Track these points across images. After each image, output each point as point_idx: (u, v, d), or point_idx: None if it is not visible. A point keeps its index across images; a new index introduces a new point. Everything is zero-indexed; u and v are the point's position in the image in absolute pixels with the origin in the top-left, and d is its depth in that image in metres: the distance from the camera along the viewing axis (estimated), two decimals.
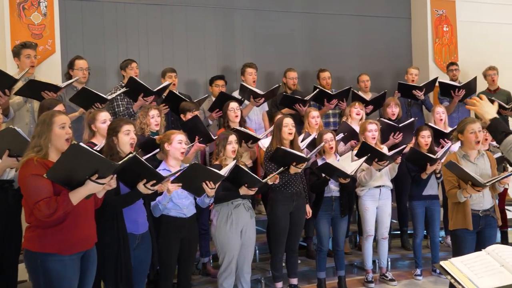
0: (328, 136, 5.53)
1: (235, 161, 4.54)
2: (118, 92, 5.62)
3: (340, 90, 6.88)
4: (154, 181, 3.74)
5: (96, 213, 3.60)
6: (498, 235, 6.83)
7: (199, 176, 4.24)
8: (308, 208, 5.48)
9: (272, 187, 5.17)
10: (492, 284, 3.09)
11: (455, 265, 3.25)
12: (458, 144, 5.05)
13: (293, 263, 5.47)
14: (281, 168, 4.88)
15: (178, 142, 4.51)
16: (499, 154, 5.72)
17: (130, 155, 3.39)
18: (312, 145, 5.62)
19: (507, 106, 7.06)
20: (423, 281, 6.04)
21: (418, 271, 6.11)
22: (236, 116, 5.70)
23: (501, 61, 7.82)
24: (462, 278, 3.15)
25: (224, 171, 4.33)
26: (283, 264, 5.55)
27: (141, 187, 3.73)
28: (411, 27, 8.76)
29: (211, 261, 6.01)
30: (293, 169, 5.04)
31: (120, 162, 3.24)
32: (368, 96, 7.14)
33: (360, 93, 7.11)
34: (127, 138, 3.99)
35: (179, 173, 4.05)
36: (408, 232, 6.82)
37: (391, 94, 7.22)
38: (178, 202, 4.48)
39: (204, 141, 5.28)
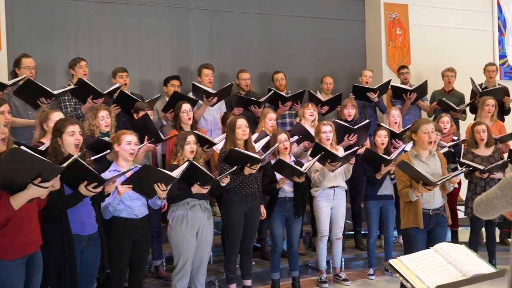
0: (283, 136, 5.52)
1: (188, 161, 4.47)
2: (67, 88, 5.47)
3: (295, 92, 6.90)
4: (95, 184, 3.64)
5: (40, 215, 3.48)
6: (449, 234, 6.98)
7: (151, 178, 4.16)
8: (263, 209, 5.46)
9: (226, 188, 5.12)
10: (439, 281, 3.12)
11: (404, 263, 3.27)
12: (410, 144, 5.12)
13: (247, 265, 5.43)
14: (234, 168, 4.83)
15: (126, 143, 4.41)
16: (446, 149, 5.84)
17: (72, 157, 3.28)
18: (267, 147, 5.60)
19: (457, 108, 7.22)
20: (376, 280, 6.10)
21: (371, 271, 6.16)
22: (189, 119, 5.62)
23: (452, 64, 7.97)
24: (410, 275, 3.17)
25: (176, 173, 4.26)
26: (237, 266, 5.50)
27: (82, 189, 3.64)
28: (365, 30, 8.87)
29: (164, 264, 5.92)
30: (247, 170, 5.01)
31: (63, 165, 3.13)
32: (327, 97, 7.18)
33: (320, 94, 7.17)
34: (71, 139, 3.88)
35: (124, 175, 3.97)
36: (362, 232, 6.88)
37: (346, 96, 7.28)
38: (129, 204, 4.38)
39: (154, 141, 5.19)
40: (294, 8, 8.32)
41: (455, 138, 6.72)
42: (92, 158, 4.07)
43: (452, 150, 6.25)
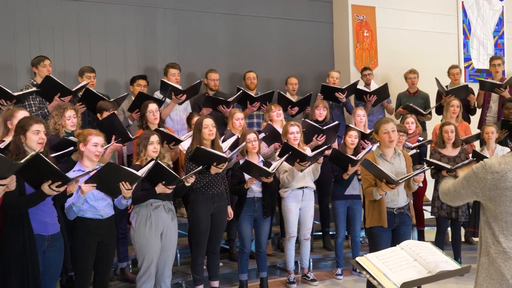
0: (252, 136, 5.50)
1: (153, 161, 4.39)
2: (29, 90, 5.33)
3: (263, 93, 6.89)
4: (59, 182, 3.54)
5: None
6: (415, 234, 7.05)
7: (115, 177, 4.07)
8: (230, 210, 5.41)
9: (193, 188, 5.07)
10: (405, 278, 3.13)
11: (370, 261, 3.28)
12: (377, 144, 5.14)
13: (215, 266, 5.37)
14: (200, 167, 4.77)
15: (93, 144, 4.30)
16: (414, 151, 5.89)
17: (33, 153, 3.18)
18: (235, 147, 5.56)
19: (424, 112, 7.31)
20: (344, 280, 6.11)
21: (339, 271, 6.17)
22: (155, 118, 5.54)
23: (419, 66, 8.07)
24: (377, 273, 3.17)
25: (141, 172, 4.18)
26: (204, 267, 5.44)
27: (45, 188, 3.53)
28: (333, 31, 8.91)
29: (130, 266, 5.82)
30: (213, 170, 4.96)
31: (21, 161, 3.03)
32: (293, 99, 7.18)
33: (287, 95, 7.16)
34: (35, 138, 3.78)
35: (88, 174, 3.87)
36: (330, 233, 6.90)
37: (314, 97, 7.29)
38: (94, 204, 4.28)
39: (121, 140, 5.09)
40: (262, 9, 8.31)
41: (421, 138, 6.79)
42: (55, 154, 3.95)
43: (418, 150, 6.31)
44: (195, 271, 5.26)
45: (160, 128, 5.36)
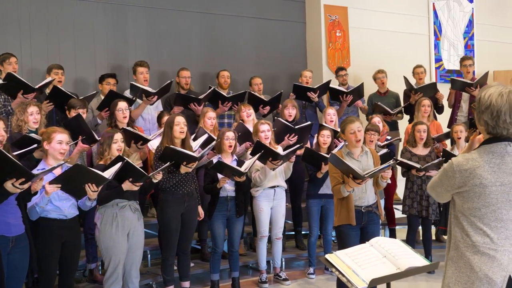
0: (230, 134, 5.46)
1: (120, 160, 4.30)
2: None
3: (235, 93, 6.85)
4: (23, 179, 3.44)
5: None
6: (387, 232, 7.09)
7: (81, 178, 3.98)
8: (200, 210, 5.36)
9: (162, 188, 5.00)
10: (374, 274, 3.11)
11: (340, 258, 3.26)
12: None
13: (185, 266, 5.30)
14: (167, 163, 4.70)
15: (57, 142, 4.20)
16: (384, 151, 5.92)
17: None
18: (206, 145, 5.50)
19: (391, 112, 7.35)
20: (316, 279, 6.10)
21: (311, 270, 6.16)
22: (125, 117, 5.44)
23: (390, 66, 8.14)
24: (346, 270, 3.15)
25: (108, 174, 4.09)
26: (175, 268, 5.38)
27: (8, 185, 3.44)
28: (305, 31, 8.92)
29: (100, 267, 5.71)
30: (183, 169, 4.90)
31: None
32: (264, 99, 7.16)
33: (258, 94, 7.14)
34: None
35: (52, 171, 3.78)
36: (303, 232, 6.89)
37: (286, 97, 7.28)
38: (58, 204, 4.18)
39: (87, 141, 5.00)
40: (235, 8, 8.28)
41: (389, 137, 6.82)
42: (17, 152, 3.85)
43: (388, 149, 6.34)
44: (165, 272, 5.18)
45: (127, 127, 5.26)
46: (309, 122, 6.47)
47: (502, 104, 2.50)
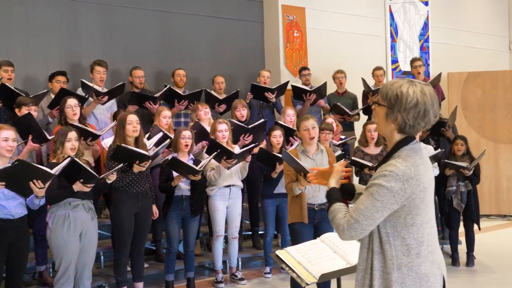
0: (187, 133, 5.41)
1: (69, 157, 4.20)
2: None
3: (191, 91, 6.80)
4: None
5: None
6: None
7: (26, 175, 3.86)
8: (155, 209, 5.28)
9: (115, 187, 4.91)
10: (324, 269, 3.12)
11: (290, 254, 3.25)
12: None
13: (139, 267, 5.21)
14: (120, 165, 4.62)
15: (3, 139, 4.08)
16: (339, 152, 5.95)
17: None
18: (161, 143, 5.44)
19: (350, 113, 7.42)
20: (272, 278, 6.09)
21: (268, 269, 6.15)
22: (75, 114, 5.32)
23: (347, 67, 8.21)
24: (296, 265, 3.15)
25: (55, 169, 3.98)
26: (129, 269, 5.28)
27: None
28: (263, 31, 8.93)
29: (50, 269, 5.56)
30: (136, 168, 4.83)
31: None
32: (221, 97, 7.13)
33: (214, 93, 7.10)
34: None
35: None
36: (260, 232, 6.87)
37: (244, 96, 7.26)
38: (5, 204, 4.07)
39: (38, 140, 4.86)
40: (191, 6, 8.22)
41: (343, 137, 6.88)
42: None
43: (342, 148, 6.40)
44: (118, 273, 5.08)
45: (76, 124, 5.14)
46: (262, 120, 6.45)
47: (428, 103, 2.29)
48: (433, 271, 2.34)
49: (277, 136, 5.97)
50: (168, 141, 5.25)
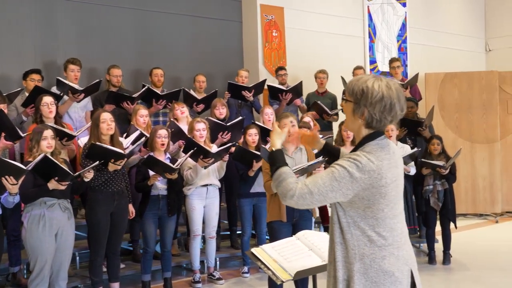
0: (163, 132, 5.36)
1: (42, 154, 4.13)
2: None
3: (170, 91, 6.76)
4: None
5: None
6: (322, 230, 7.14)
7: None
8: (131, 208, 5.23)
9: (91, 186, 4.84)
10: (300, 266, 3.11)
11: (266, 251, 3.23)
12: None
13: (115, 267, 5.15)
14: (96, 162, 4.56)
15: None
16: (315, 151, 5.95)
17: None
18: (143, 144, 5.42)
19: (330, 112, 7.44)
20: (249, 278, 6.08)
21: (246, 269, 6.13)
22: (50, 112, 5.25)
23: (326, 67, 8.22)
24: (272, 263, 3.13)
25: (28, 166, 3.92)
26: (105, 269, 5.22)
27: None
28: (242, 30, 8.91)
29: (24, 270, 5.47)
30: (111, 166, 4.78)
31: None
32: (200, 97, 7.10)
33: (194, 93, 7.07)
34: None
35: None
36: (238, 232, 6.84)
37: (222, 96, 7.24)
38: None
39: (10, 138, 4.78)
40: (170, 5, 8.15)
41: (320, 136, 6.87)
42: None
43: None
44: (93, 273, 5.01)
45: (52, 124, 5.06)
46: (240, 118, 6.43)
47: (393, 96, 2.30)
48: (399, 266, 2.34)
49: (253, 135, 5.94)
50: (143, 139, 5.20)
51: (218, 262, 6.26)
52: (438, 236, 6.65)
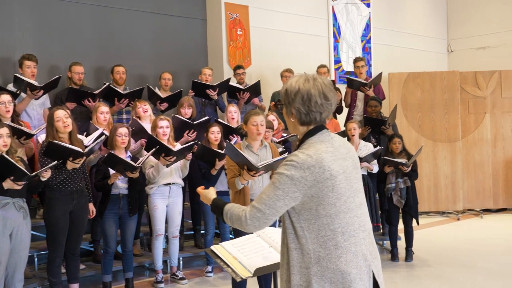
0: (123, 130, 5.26)
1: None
2: None
3: (132, 89, 6.66)
4: None
5: None
6: None
7: None
8: (92, 207, 5.12)
9: (49, 185, 4.72)
10: (260, 263, 3.07)
11: (226, 248, 3.19)
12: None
13: (74, 267, 5.02)
14: (54, 162, 4.45)
15: None
16: (281, 149, 5.94)
17: None
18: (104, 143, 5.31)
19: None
20: (213, 277, 6.02)
21: (209, 268, 6.08)
22: (8, 111, 5.10)
23: (291, 66, 8.19)
24: (231, 260, 3.09)
25: None
26: (64, 270, 5.10)
27: None
28: (206, 28, 8.84)
29: None
30: (70, 165, 4.67)
31: None
32: (165, 94, 7.02)
33: (159, 91, 7.01)
34: None
35: None
36: (202, 231, 6.77)
37: (186, 94, 7.17)
38: None
39: None
40: (133, 2, 8.04)
41: (284, 134, 6.89)
42: None
43: (283, 146, 6.40)
44: (52, 274, 4.89)
45: (9, 122, 4.92)
46: (206, 117, 6.38)
47: (310, 87, 2.37)
48: (357, 262, 2.32)
49: (215, 133, 5.89)
50: (103, 137, 5.09)
51: (181, 262, 6.21)
52: (401, 234, 6.72)
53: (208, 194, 2.76)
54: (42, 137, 5.29)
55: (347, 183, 2.36)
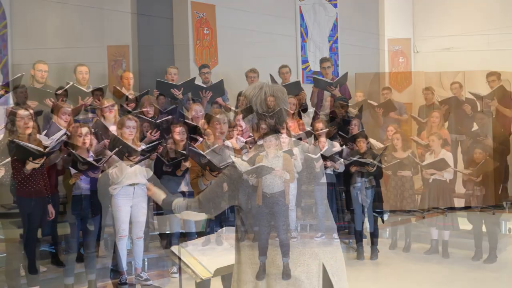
0: (84, 130, 5.17)
1: None
2: None
3: (95, 87, 6.57)
4: None
5: None
6: None
7: None
8: (51, 208, 5.01)
9: (5, 185, 4.60)
10: (220, 264, 3.06)
11: (186, 249, 3.16)
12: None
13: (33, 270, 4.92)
14: (5, 160, 4.35)
15: None
16: (246, 150, 5.92)
17: None
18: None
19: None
20: (178, 278, 5.95)
21: (175, 269, 6.02)
22: None
23: (258, 65, 8.17)
24: (191, 260, 3.06)
25: None
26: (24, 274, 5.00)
27: None
28: (172, 27, 8.76)
29: None
30: (30, 165, 4.56)
31: None
32: (129, 94, 6.94)
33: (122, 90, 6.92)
34: None
35: None
36: (168, 232, 6.71)
37: (152, 93, 7.10)
38: None
39: None
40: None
41: (251, 135, 6.87)
42: None
43: (251, 146, 6.39)
44: (11, 278, 4.77)
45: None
46: (169, 116, 6.33)
47: (253, 94, 2.56)
48: (305, 260, 2.36)
49: (180, 133, 5.83)
50: (64, 137, 5.00)
51: (146, 263, 6.12)
52: (366, 232, 6.77)
53: (158, 197, 2.90)
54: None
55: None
